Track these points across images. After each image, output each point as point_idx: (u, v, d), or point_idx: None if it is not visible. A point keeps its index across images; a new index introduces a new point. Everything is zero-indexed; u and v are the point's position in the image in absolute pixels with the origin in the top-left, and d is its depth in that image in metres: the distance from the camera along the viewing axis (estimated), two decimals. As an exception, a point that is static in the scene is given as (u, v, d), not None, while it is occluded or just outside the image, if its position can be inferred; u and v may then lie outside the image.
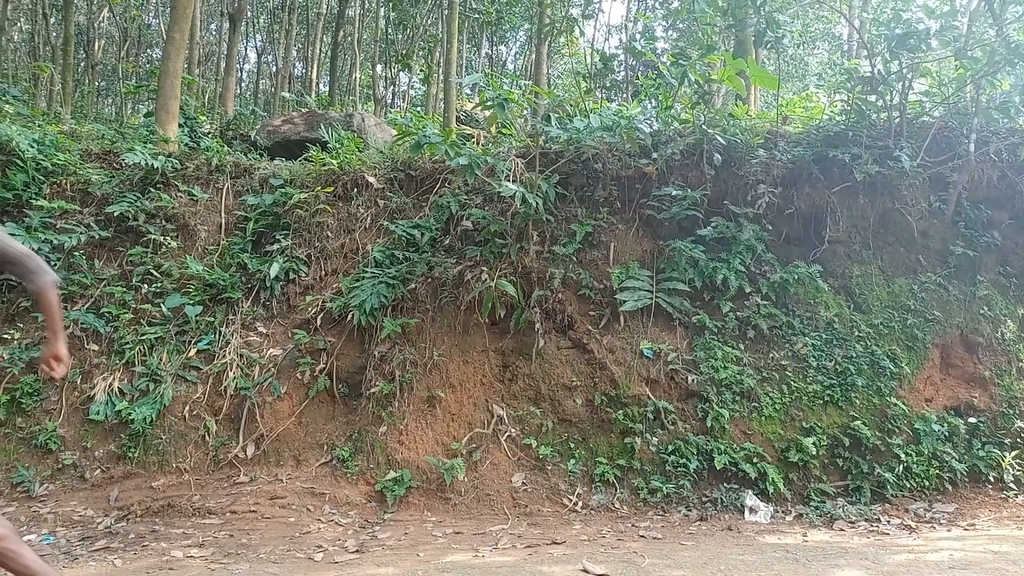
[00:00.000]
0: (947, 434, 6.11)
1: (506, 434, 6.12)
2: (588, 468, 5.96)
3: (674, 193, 6.84)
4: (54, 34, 17.61)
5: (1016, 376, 6.50)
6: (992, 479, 6.02)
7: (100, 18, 19.51)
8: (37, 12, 17.81)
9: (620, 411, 6.10)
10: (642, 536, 5.02)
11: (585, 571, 4.10)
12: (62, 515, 5.36)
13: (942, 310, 6.71)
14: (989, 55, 6.88)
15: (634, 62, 14.68)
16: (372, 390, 6.24)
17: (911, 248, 7.03)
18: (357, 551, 4.70)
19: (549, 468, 5.98)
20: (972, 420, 6.25)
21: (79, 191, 7.30)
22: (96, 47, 19.34)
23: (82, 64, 18.97)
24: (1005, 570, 4.10)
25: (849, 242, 7.03)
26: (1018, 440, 6.19)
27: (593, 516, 5.55)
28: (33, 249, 6.47)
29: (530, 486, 5.86)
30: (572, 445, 6.09)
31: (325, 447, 6.15)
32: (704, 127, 7.06)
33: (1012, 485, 5.99)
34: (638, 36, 18.05)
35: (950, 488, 5.95)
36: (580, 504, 5.71)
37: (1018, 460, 6.08)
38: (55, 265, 6.70)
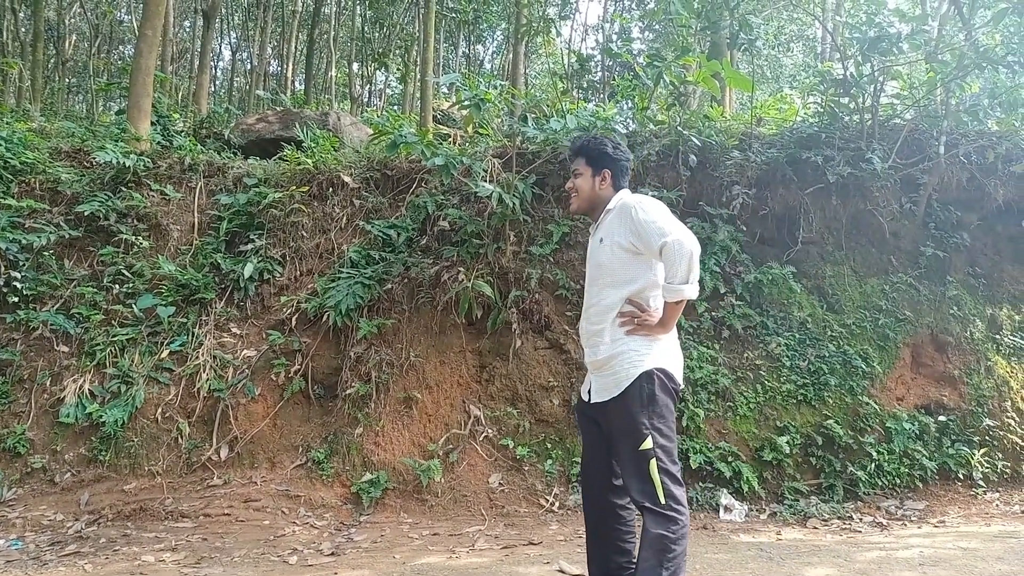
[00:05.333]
0: (918, 432, 6.21)
1: (483, 435, 6.12)
2: (565, 468, 5.98)
3: (650, 194, 6.86)
4: (23, 29, 17.29)
5: (984, 375, 6.62)
6: (961, 476, 6.13)
7: (71, 13, 19.21)
8: (5, 7, 17.49)
9: (596, 411, 6.11)
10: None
11: (561, 571, 4.10)
12: (31, 519, 5.27)
13: (913, 310, 6.81)
14: (958, 59, 6.99)
15: (611, 62, 14.75)
16: (348, 391, 6.20)
17: (883, 249, 7.13)
18: (332, 553, 4.67)
19: (526, 468, 5.98)
20: (942, 418, 6.36)
21: (48, 190, 7.18)
22: (67, 43, 19.02)
23: (52, 60, 18.63)
24: (973, 566, 4.17)
25: (822, 243, 7.11)
26: (987, 438, 6.31)
27: (570, 516, 5.56)
28: (1, 250, 6.37)
29: (507, 487, 5.86)
30: (549, 445, 6.10)
31: (300, 449, 6.11)
32: (680, 128, 7.11)
33: (981, 482, 6.10)
34: (615, 37, 18.15)
35: (921, 486, 6.05)
36: (557, 504, 5.73)
37: (987, 458, 6.20)
38: (24, 265, 6.59)
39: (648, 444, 2.80)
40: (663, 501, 2.77)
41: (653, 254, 2.89)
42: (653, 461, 2.79)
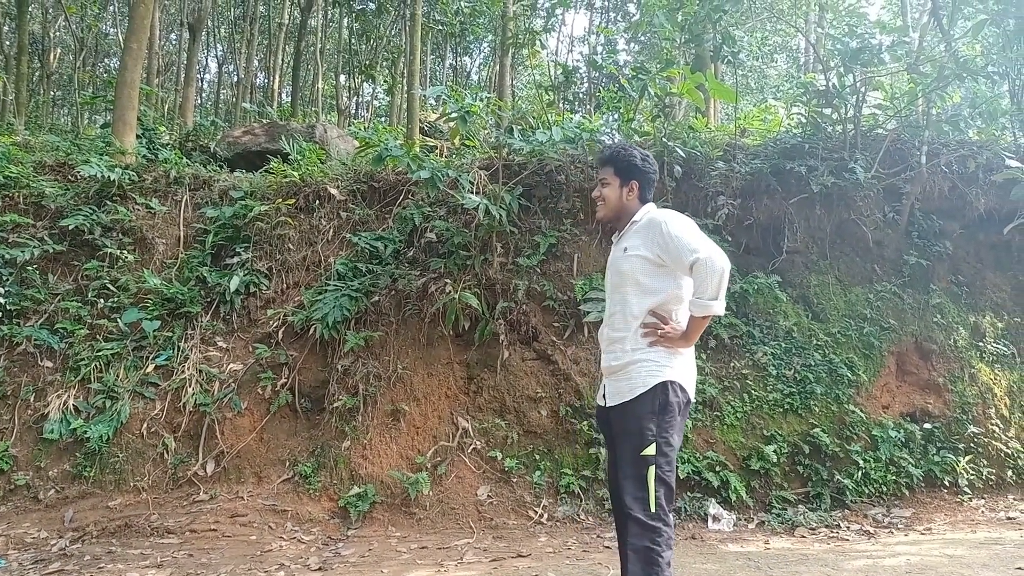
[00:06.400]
0: (904, 440, 6.25)
1: (471, 447, 6.10)
2: (553, 480, 5.97)
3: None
4: (7, 43, 17.21)
5: (968, 382, 6.67)
6: (947, 484, 6.17)
7: (56, 26, 19.13)
8: (-11, 20, 17.42)
9: (585, 422, 6.13)
10: (607, 547, 5.04)
11: (550, 584, 4.09)
12: (14, 537, 5.20)
13: (897, 318, 6.87)
14: (939, 70, 7.09)
15: (596, 74, 14.84)
16: (335, 404, 6.18)
17: (866, 258, 7.19)
18: (320, 568, 4.63)
19: (515, 480, 5.97)
20: (927, 426, 6.40)
21: (32, 204, 7.14)
22: (51, 56, 18.91)
23: (36, 74, 18.54)
24: (960, 573, 4.19)
25: (807, 252, 7.17)
26: (971, 445, 6.35)
27: (559, 528, 5.55)
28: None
29: (496, 499, 5.84)
30: (537, 457, 6.09)
31: (287, 463, 6.07)
32: (665, 140, 7.16)
33: (966, 489, 6.14)
34: (600, 49, 18.26)
35: (907, 493, 6.09)
36: (546, 516, 5.71)
37: (972, 465, 6.24)
38: (7, 280, 6.54)
39: (651, 451, 2.82)
40: (652, 510, 2.78)
41: (683, 270, 2.91)
42: (652, 468, 2.80)
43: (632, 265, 3.03)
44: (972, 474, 6.21)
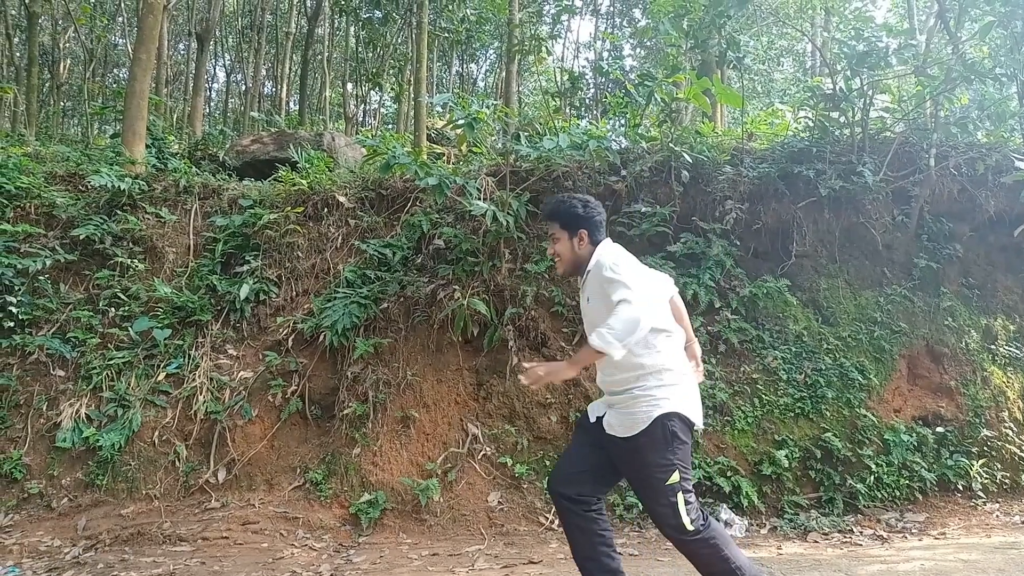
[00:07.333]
0: (916, 444, 6.21)
1: (481, 453, 6.10)
2: (564, 485, 5.94)
3: (643, 210, 6.92)
4: (18, 54, 17.37)
5: (981, 385, 6.63)
6: (961, 488, 6.12)
7: (65, 38, 19.27)
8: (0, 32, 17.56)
9: (594, 428, 6.10)
10: (618, 553, 5.01)
11: (562, 590, 4.08)
12: (28, 546, 5.23)
13: (908, 322, 6.83)
14: (946, 72, 7.08)
15: (602, 80, 14.86)
16: (345, 411, 6.19)
17: (876, 261, 7.16)
18: (332, 575, 4.64)
19: (525, 486, 5.96)
20: (940, 430, 6.36)
21: (44, 214, 7.19)
22: (61, 67, 19.05)
23: (47, 84, 18.69)
24: (974, 578, 4.16)
25: (816, 256, 7.14)
26: (985, 448, 6.31)
27: (569, 534, 5.53)
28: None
29: (506, 505, 5.84)
30: (548, 463, 6.07)
31: (298, 470, 6.08)
32: (671, 145, 7.16)
33: (980, 493, 6.09)
34: (606, 55, 18.29)
35: (920, 497, 6.04)
36: (557, 522, 5.69)
37: (985, 468, 6.20)
38: (20, 290, 6.58)
39: (675, 478, 3.01)
40: (690, 528, 3.00)
41: (609, 306, 2.99)
42: (680, 495, 3.00)
43: (597, 314, 3.14)
44: (986, 478, 6.16)
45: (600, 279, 3.08)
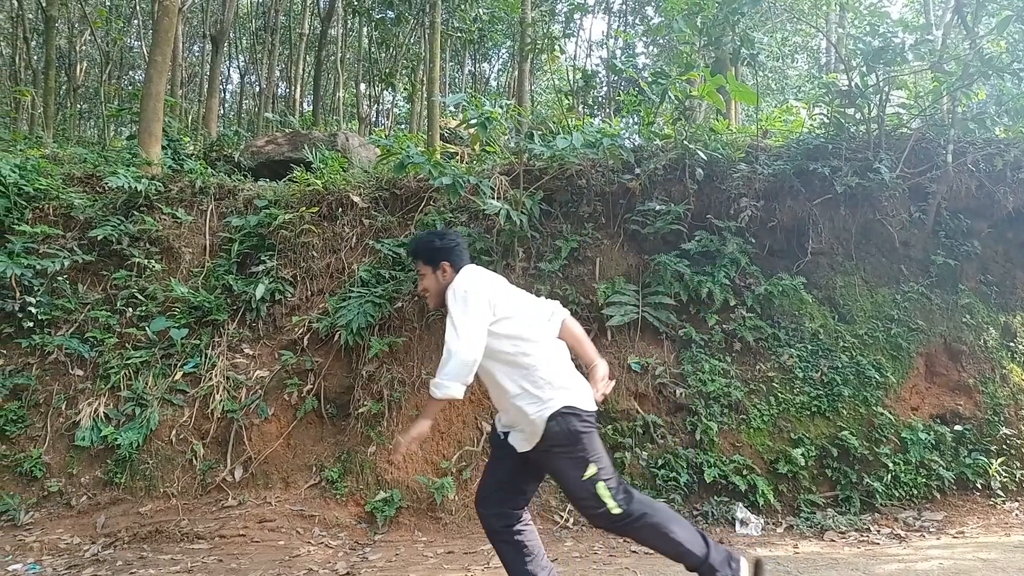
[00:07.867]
0: (934, 442, 6.16)
1: (496, 452, 6.10)
2: (578, 484, 5.94)
3: (658, 208, 6.90)
4: (35, 57, 17.53)
5: (1000, 383, 6.57)
6: (979, 486, 6.07)
7: (82, 41, 19.45)
8: (17, 36, 17.75)
9: (609, 426, 6.11)
10: (634, 552, 5.02)
11: (577, 588, 4.08)
12: (48, 543, 5.29)
13: (925, 319, 6.78)
14: (963, 67, 7.00)
15: (615, 78, 14.82)
16: (360, 410, 6.22)
17: (893, 258, 7.11)
18: (347, 573, 4.66)
19: (540, 485, 5.95)
20: (958, 428, 6.31)
21: (62, 215, 7.26)
22: (78, 70, 19.24)
23: (64, 87, 18.86)
24: (994, 577, 4.13)
25: (832, 253, 7.10)
26: (1004, 447, 6.25)
27: (584, 532, 5.54)
28: (16, 275, 6.44)
29: (521, 503, 5.83)
30: (562, 461, 6.07)
31: (314, 469, 6.12)
32: (686, 142, 7.13)
33: (999, 492, 6.04)
34: (619, 53, 18.24)
35: (938, 496, 5.99)
36: (571, 520, 5.70)
37: (1004, 467, 6.14)
38: (38, 290, 6.65)
39: (592, 471, 3.06)
40: (616, 512, 3.06)
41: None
42: (601, 484, 3.06)
43: None
44: (1005, 476, 6.10)
45: (448, 306, 3.17)
